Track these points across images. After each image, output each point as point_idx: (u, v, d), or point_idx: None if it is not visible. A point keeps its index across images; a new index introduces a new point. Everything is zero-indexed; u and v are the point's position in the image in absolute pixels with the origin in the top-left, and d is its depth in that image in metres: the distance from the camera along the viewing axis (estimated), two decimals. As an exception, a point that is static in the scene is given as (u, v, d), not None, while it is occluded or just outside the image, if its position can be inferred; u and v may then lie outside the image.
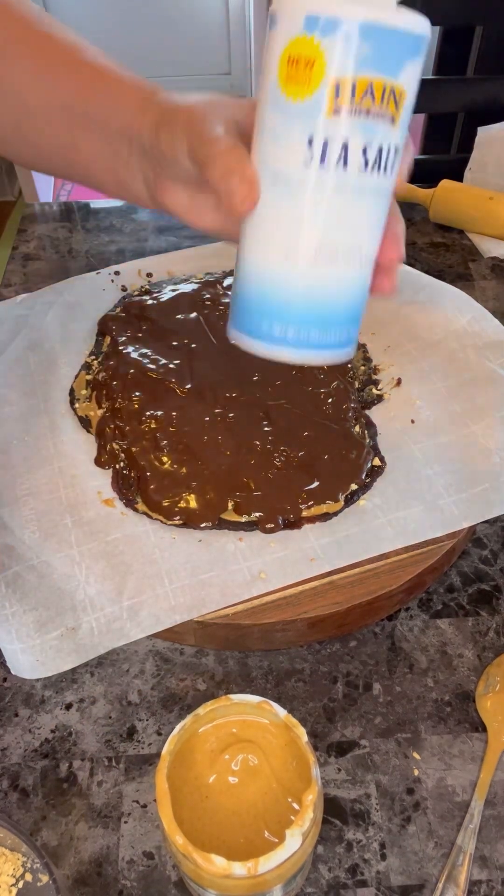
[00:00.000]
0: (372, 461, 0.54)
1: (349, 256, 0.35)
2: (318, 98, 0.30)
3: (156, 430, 0.55)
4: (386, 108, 0.31)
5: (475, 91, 0.94)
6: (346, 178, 0.32)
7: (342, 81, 0.30)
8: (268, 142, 0.33)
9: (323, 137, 0.31)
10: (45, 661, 0.45)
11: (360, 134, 0.31)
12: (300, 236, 0.33)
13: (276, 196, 0.33)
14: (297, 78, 0.31)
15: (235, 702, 0.35)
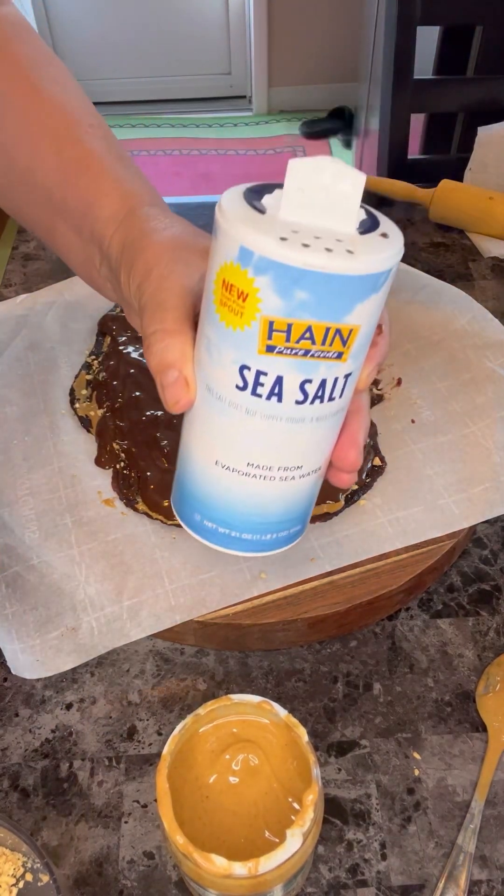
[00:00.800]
0: (372, 461, 0.54)
1: (286, 473, 0.32)
2: (251, 333, 0.27)
3: (156, 430, 0.55)
4: (330, 347, 0.28)
5: (475, 91, 0.94)
6: (280, 409, 0.29)
7: (276, 322, 0.27)
8: (204, 353, 0.30)
9: (255, 371, 0.28)
10: (45, 661, 0.45)
11: (298, 371, 0.28)
12: (230, 451, 0.31)
13: (209, 406, 0.31)
14: (231, 306, 0.28)
15: (236, 702, 0.35)
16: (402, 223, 0.84)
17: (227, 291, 0.28)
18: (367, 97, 2.12)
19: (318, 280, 0.26)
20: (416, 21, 0.87)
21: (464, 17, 0.94)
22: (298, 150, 2.82)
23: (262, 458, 0.31)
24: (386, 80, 0.91)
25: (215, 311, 0.29)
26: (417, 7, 0.86)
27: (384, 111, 0.94)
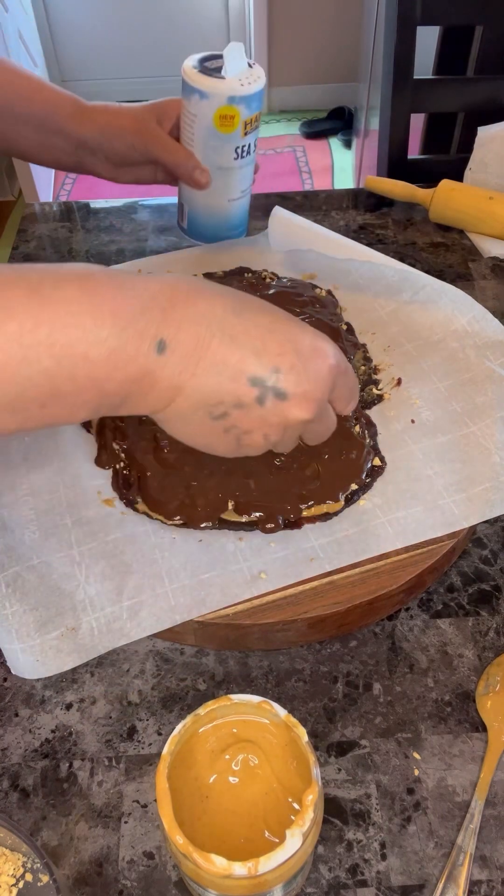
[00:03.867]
0: (372, 461, 0.54)
1: (246, 193, 0.73)
2: (238, 131, 0.66)
3: (156, 429, 0.55)
4: (257, 124, 0.68)
5: (475, 91, 0.94)
6: (245, 161, 0.69)
7: (246, 121, 0.66)
8: (211, 152, 0.68)
9: (241, 146, 0.68)
10: (45, 661, 0.45)
11: (251, 139, 0.68)
12: (233, 190, 0.71)
13: (219, 176, 0.69)
14: (226, 124, 0.65)
15: (236, 702, 0.35)
16: (402, 223, 0.84)
17: (223, 118, 0.65)
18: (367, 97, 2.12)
19: (257, 96, 0.65)
20: (416, 21, 0.87)
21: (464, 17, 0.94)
22: (299, 149, 2.82)
23: (241, 188, 0.72)
24: (386, 80, 0.91)
25: (216, 130, 0.66)
26: (417, 7, 0.86)
27: (384, 111, 0.94)
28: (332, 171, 2.71)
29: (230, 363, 0.37)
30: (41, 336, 0.33)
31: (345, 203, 0.87)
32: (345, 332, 0.64)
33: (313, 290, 0.68)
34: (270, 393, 0.38)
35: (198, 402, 0.38)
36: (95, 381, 0.35)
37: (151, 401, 0.37)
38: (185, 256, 0.74)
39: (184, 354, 0.36)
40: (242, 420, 0.39)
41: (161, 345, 0.36)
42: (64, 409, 0.36)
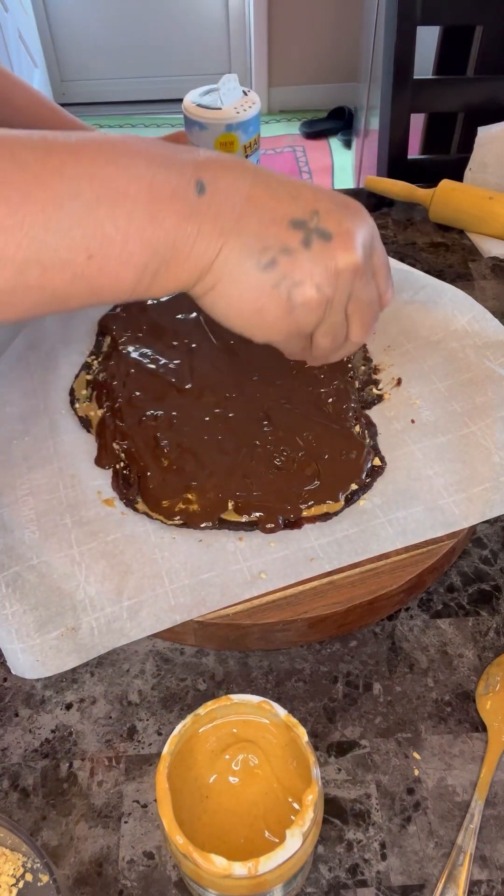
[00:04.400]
0: (372, 461, 0.54)
1: None
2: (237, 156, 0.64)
3: (156, 430, 0.55)
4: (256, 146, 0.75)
5: (475, 91, 0.94)
6: None
7: (245, 145, 0.73)
8: None
9: None
10: (45, 661, 0.45)
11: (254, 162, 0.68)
12: None
13: None
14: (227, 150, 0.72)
15: (236, 702, 0.35)
16: (402, 223, 0.84)
17: (224, 144, 0.71)
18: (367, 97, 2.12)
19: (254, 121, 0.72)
20: (416, 21, 0.87)
21: (464, 17, 0.94)
22: (299, 149, 2.82)
23: None
24: (386, 80, 0.91)
25: None
26: (417, 7, 0.86)
27: (384, 111, 0.94)
28: (332, 171, 2.72)
29: (269, 206, 0.37)
30: (82, 169, 0.33)
31: (345, 203, 0.87)
32: (345, 332, 0.64)
33: (313, 290, 0.68)
34: (314, 234, 0.37)
35: (244, 250, 0.37)
36: (138, 226, 0.34)
37: (197, 255, 0.36)
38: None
39: (224, 197, 0.36)
40: (291, 268, 0.37)
41: (200, 186, 0.35)
42: (109, 262, 0.34)
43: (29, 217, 0.32)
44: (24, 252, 0.33)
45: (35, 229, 0.33)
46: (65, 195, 0.33)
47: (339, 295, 0.39)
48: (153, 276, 0.36)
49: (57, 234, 0.33)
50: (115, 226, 0.34)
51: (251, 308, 0.38)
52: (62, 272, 0.34)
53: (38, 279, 0.34)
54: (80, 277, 0.34)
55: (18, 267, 0.33)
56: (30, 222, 0.32)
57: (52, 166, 0.33)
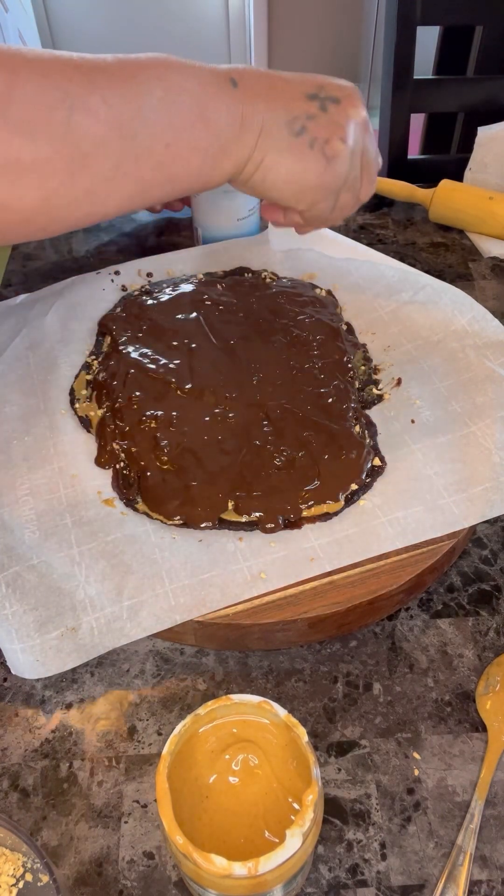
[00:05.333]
0: (372, 461, 0.54)
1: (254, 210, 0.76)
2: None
3: (156, 430, 0.55)
4: None
5: (475, 91, 0.94)
6: None
7: None
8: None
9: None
10: (45, 661, 0.45)
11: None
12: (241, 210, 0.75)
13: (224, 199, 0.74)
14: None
15: (236, 702, 0.35)
16: (402, 223, 0.84)
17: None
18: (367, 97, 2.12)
19: None
20: (416, 21, 0.87)
21: (464, 17, 0.94)
22: (298, 150, 2.82)
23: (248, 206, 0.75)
24: (386, 80, 0.91)
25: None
26: (417, 7, 0.86)
27: (384, 111, 0.94)
28: (332, 171, 2.71)
29: (287, 89, 0.47)
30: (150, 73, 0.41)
31: (345, 203, 0.87)
32: (345, 332, 0.64)
33: (313, 290, 0.68)
34: (328, 101, 0.47)
35: (279, 123, 0.45)
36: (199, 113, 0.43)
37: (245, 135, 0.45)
38: (186, 256, 0.74)
39: (252, 88, 0.45)
40: (317, 129, 0.46)
41: (233, 82, 0.45)
42: (182, 149, 0.42)
43: (122, 113, 0.40)
44: (122, 142, 0.40)
45: (127, 122, 0.40)
46: (142, 94, 0.40)
47: (356, 146, 0.49)
48: (214, 159, 0.44)
49: (142, 126, 0.40)
50: (181, 117, 0.42)
51: (297, 169, 0.47)
52: (148, 160, 0.41)
53: (132, 169, 0.41)
54: (161, 165, 0.42)
55: (118, 157, 0.40)
56: (124, 117, 0.40)
57: (129, 73, 0.40)
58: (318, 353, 0.61)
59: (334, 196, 0.50)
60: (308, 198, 0.49)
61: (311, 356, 0.60)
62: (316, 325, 0.63)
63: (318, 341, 0.61)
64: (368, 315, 0.67)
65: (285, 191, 0.48)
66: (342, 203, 0.51)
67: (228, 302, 0.65)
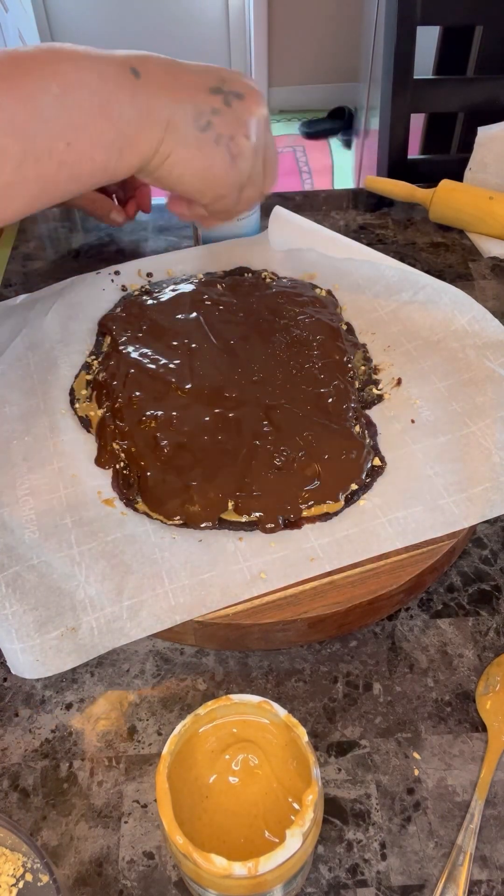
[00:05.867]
0: (372, 461, 0.54)
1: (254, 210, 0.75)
2: None
3: (156, 429, 0.55)
4: None
5: (475, 91, 0.94)
6: None
7: None
8: None
9: None
10: (45, 661, 0.45)
11: None
12: None
13: None
14: None
15: (235, 702, 0.35)
16: (402, 223, 0.84)
17: None
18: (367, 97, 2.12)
19: None
20: (416, 21, 0.87)
21: (464, 17, 0.94)
22: (299, 149, 2.82)
23: None
24: (386, 80, 0.91)
25: None
26: (417, 7, 0.86)
27: (384, 111, 0.94)
28: (332, 171, 2.72)
29: (191, 80, 0.46)
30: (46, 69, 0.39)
31: (345, 203, 0.87)
32: (345, 332, 0.64)
33: (313, 290, 0.68)
34: (231, 96, 0.47)
35: (185, 117, 0.45)
36: (101, 107, 0.41)
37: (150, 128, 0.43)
38: (186, 256, 0.74)
39: (155, 78, 0.44)
40: (223, 124, 0.46)
41: (135, 72, 0.43)
42: (84, 146, 0.41)
43: (17, 114, 0.38)
44: (20, 145, 0.39)
45: (23, 124, 0.39)
46: (37, 92, 0.39)
47: (259, 143, 0.49)
48: (120, 152, 0.43)
49: (40, 126, 0.39)
50: (81, 113, 0.40)
51: (203, 165, 0.47)
52: (49, 161, 0.40)
53: (34, 170, 0.40)
54: (64, 164, 0.41)
55: (18, 160, 0.39)
56: (19, 119, 0.38)
57: (21, 71, 0.39)
58: (318, 353, 0.61)
59: (238, 191, 0.50)
60: (213, 192, 0.49)
61: (311, 356, 0.60)
62: (316, 324, 0.63)
63: (318, 341, 0.61)
64: (368, 315, 0.67)
65: (191, 185, 0.48)
66: (246, 197, 0.51)
67: (228, 302, 0.65)
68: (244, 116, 0.47)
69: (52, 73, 0.40)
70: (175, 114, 0.44)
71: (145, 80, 0.43)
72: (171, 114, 0.44)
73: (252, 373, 0.59)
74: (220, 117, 0.46)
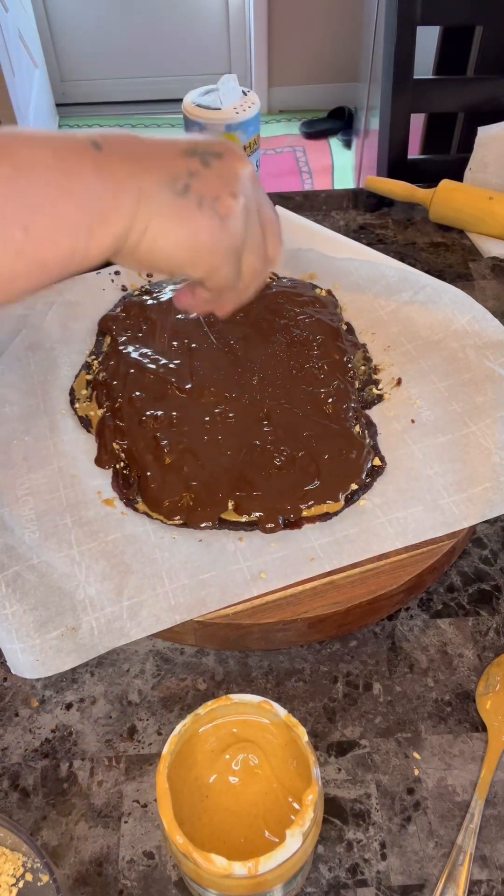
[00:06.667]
0: (372, 461, 0.54)
1: None
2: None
3: (156, 429, 0.55)
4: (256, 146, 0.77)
5: (475, 91, 0.94)
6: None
7: (245, 145, 0.74)
8: None
9: None
10: (45, 661, 0.45)
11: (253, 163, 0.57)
12: None
13: None
14: None
15: (236, 701, 0.35)
16: (402, 223, 0.84)
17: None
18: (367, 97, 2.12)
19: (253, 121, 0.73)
20: (416, 21, 0.87)
21: (464, 17, 0.94)
22: (299, 149, 2.82)
23: None
24: (386, 80, 0.91)
25: None
26: (417, 7, 0.86)
27: (384, 111, 0.94)
28: (332, 171, 2.71)
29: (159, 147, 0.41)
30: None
31: (345, 203, 0.87)
32: (345, 332, 0.64)
33: (313, 290, 0.68)
34: (208, 156, 0.41)
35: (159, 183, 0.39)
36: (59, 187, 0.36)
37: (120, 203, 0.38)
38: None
39: (119, 149, 0.39)
40: (204, 186, 0.41)
41: (96, 144, 0.38)
42: (45, 231, 0.36)
43: None
44: None
45: None
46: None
47: (250, 202, 0.43)
48: (89, 233, 0.38)
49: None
50: (37, 194, 0.36)
51: (187, 234, 0.41)
52: (4, 251, 0.35)
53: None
54: (22, 253, 0.36)
55: None
56: None
57: None
58: (318, 353, 0.61)
59: (235, 258, 0.43)
60: (205, 263, 0.42)
61: (311, 356, 0.60)
62: (316, 325, 0.63)
63: (318, 341, 0.61)
64: (368, 315, 0.67)
65: (178, 257, 0.41)
66: (248, 267, 0.45)
67: None
68: (227, 174, 0.42)
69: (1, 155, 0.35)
70: (146, 182, 0.39)
71: (108, 150, 0.38)
72: (141, 182, 0.39)
73: (252, 373, 0.59)
74: (199, 179, 0.41)
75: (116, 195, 0.38)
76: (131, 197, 0.39)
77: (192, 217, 0.40)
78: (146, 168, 0.39)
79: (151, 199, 0.39)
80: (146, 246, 0.40)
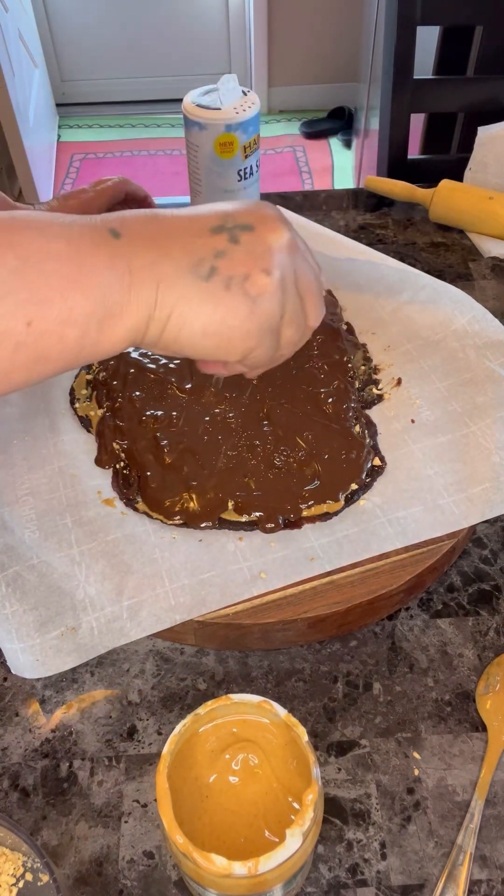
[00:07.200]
0: (372, 461, 0.54)
1: None
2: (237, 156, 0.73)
3: (156, 429, 0.55)
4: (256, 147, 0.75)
5: (475, 91, 0.94)
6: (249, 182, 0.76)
7: (245, 145, 0.73)
8: (215, 177, 0.75)
9: (242, 169, 0.75)
10: (45, 661, 0.45)
11: (251, 163, 0.75)
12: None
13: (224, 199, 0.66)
14: (226, 150, 0.72)
15: (236, 701, 0.35)
16: (402, 223, 0.84)
17: (223, 145, 0.72)
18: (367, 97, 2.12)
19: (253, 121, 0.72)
20: (416, 21, 0.87)
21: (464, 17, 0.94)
22: (299, 149, 2.82)
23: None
24: (386, 80, 0.91)
25: (218, 155, 0.73)
26: (417, 7, 0.86)
27: (384, 111, 0.94)
28: (332, 171, 2.71)
29: (183, 227, 0.37)
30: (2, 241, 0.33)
31: (345, 203, 0.87)
32: (345, 332, 0.64)
33: (313, 290, 0.68)
34: (237, 230, 0.38)
35: (181, 269, 0.36)
36: (72, 277, 0.34)
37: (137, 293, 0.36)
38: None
39: (139, 235, 0.36)
40: (232, 266, 0.37)
41: (114, 232, 0.36)
42: (50, 324, 0.34)
43: None
44: None
45: None
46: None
47: (287, 274, 0.39)
48: (100, 325, 0.35)
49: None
50: (45, 286, 0.33)
51: (215, 320, 0.37)
52: (2, 344, 0.33)
53: None
54: (22, 346, 0.34)
55: None
56: None
57: None
58: (318, 353, 0.61)
59: (272, 336, 0.40)
60: (238, 347, 0.39)
61: (311, 356, 0.60)
62: (316, 325, 0.63)
63: (318, 341, 0.61)
64: (368, 315, 0.67)
65: (207, 346, 0.38)
66: (287, 340, 0.42)
67: None
68: (258, 249, 0.38)
69: (6, 244, 0.33)
70: (167, 269, 0.36)
71: (128, 238, 0.36)
72: (161, 270, 0.36)
73: (252, 373, 0.59)
74: (226, 258, 0.37)
75: (133, 286, 0.36)
76: (149, 287, 0.36)
77: (219, 301, 0.37)
78: (167, 254, 0.36)
79: (173, 287, 0.36)
80: (170, 335, 0.37)
